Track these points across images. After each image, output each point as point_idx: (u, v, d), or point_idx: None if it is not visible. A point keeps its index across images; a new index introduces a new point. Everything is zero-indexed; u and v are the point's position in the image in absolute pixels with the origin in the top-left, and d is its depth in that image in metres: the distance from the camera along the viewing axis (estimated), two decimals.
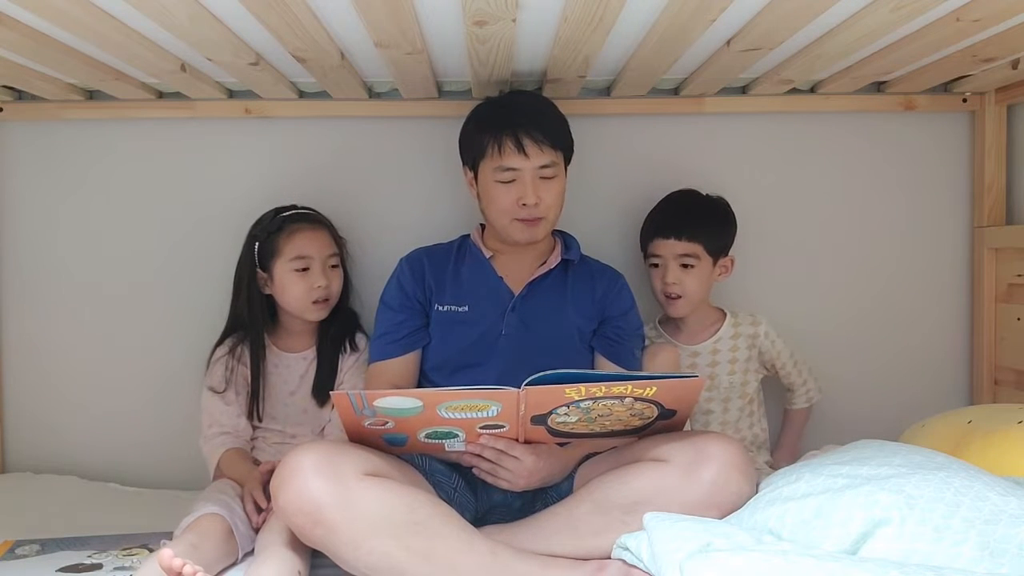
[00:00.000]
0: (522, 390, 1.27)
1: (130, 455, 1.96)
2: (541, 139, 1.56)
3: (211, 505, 1.43)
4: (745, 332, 1.81)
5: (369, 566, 1.24)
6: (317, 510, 1.23)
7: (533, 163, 1.56)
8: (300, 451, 1.27)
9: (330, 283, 1.71)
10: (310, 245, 1.69)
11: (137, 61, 1.58)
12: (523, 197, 1.56)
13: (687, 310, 1.78)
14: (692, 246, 1.74)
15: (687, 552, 1.09)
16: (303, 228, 1.70)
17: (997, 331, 1.93)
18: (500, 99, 1.69)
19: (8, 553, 1.46)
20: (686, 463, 1.32)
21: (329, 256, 1.72)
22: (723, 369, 1.80)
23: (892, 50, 1.57)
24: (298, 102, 1.92)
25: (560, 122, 1.63)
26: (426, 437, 1.36)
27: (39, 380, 1.98)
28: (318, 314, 1.72)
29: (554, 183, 1.60)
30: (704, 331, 1.82)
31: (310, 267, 1.68)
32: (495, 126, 1.58)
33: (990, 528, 1.04)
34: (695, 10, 1.30)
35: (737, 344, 1.80)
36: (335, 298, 1.74)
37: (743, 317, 1.83)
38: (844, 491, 1.15)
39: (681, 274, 1.75)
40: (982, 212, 1.95)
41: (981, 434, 1.43)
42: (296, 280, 1.68)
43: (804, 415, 1.90)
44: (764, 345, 1.82)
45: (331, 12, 1.36)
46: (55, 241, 1.97)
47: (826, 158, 1.99)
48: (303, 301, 1.69)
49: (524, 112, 1.60)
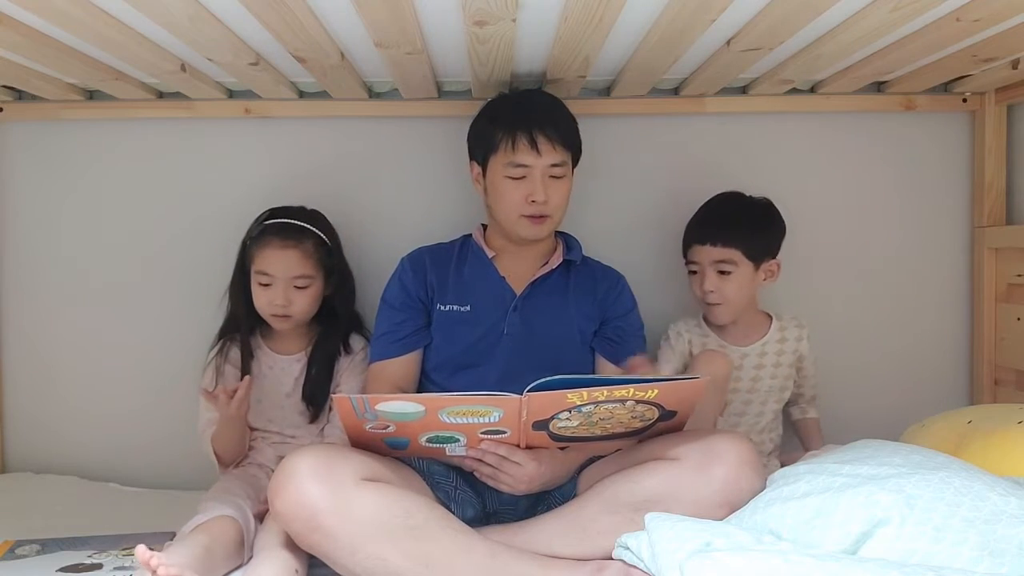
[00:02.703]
0: (524, 396, 1.26)
1: (130, 455, 1.96)
2: (555, 138, 1.57)
3: (224, 507, 1.43)
4: (791, 336, 1.79)
5: (367, 571, 1.24)
6: (313, 516, 1.23)
7: (545, 161, 1.57)
8: (296, 456, 1.27)
9: (290, 303, 1.66)
10: (273, 264, 1.65)
11: (137, 61, 1.58)
12: (533, 194, 1.57)
13: (729, 316, 1.74)
14: (728, 252, 1.69)
15: (687, 552, 1.09)
16: (272, 244, 1.66)
17: (997, 331, 1.93)
18: (515, 95, 1.69)
19: (8, 553, 1.46)
20: (697, 461, 1.32)
21: (294, 278, 1.66)
22: (767, 372, 1.77)
23: (892, 50, 1.56)
24: (298, 102, 1.92)
25: (572, 123, 1.64)
26: (427, 441, 1.36)
27: (39, 380, 1.98)
28: (278, 324, 1.70)
29: (562, 183, 1.61)
30: (752, 334, 1.78)
31: (272, 284, 1.66)
32: (509, 122, 1.58)
33: (990, 528, 1.04)
34: (695, 10, 1.30)
35: (783, 348, 1.78)
36: (300, 316, 1.69)
37: (788, 321, 1.81)
38: (844, 491, 1.15)
39: (719, 281, 1.70)
40: (982, 212, 1.95)
41: (981, 434, 1.43)
42: (259, 292, 1.68)
43: (818, 426, 1.88)
44: (804, 350, 1.80)
45: (331, 12, 1.36)
46: (55, 241, 1.96)
47: (826, 158, 1.99)
48: (264, 312, 1.69)
49: (540, 110, 1.60)
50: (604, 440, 1.43)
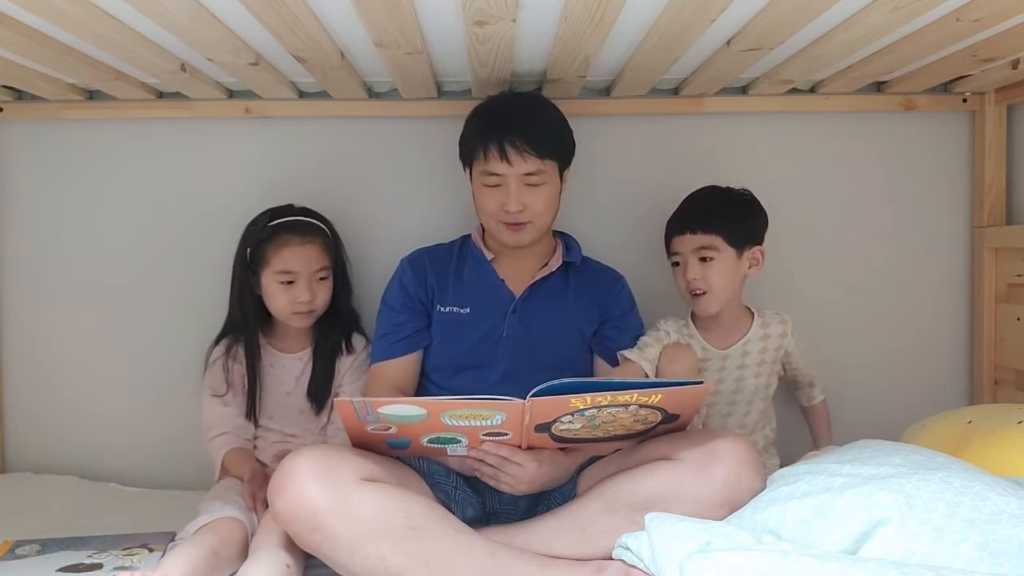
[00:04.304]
0: (528, 401, 1.27)
1: (130, 455, 1.96)
2: (525, 149, 1.53)
3: (232, 509, 1.44)
4: (774, 332, 1.76)
5: (367, 571, 1.24)
6: (313, 516, 1.23)
7: (517, 170, 1.55)
8: (297, 456, 1.27)
9: (315, 297, 1.68)
10: (296, 260, 1.66)
11: (137, 61, 1.58)
12: (506, 203, 1.56)
13: (715, 306, 1.69)
14: (709, 238, 1.66)
15: (687, 552, 1.09)
16: (291, 242, 1.67)
17: (997, 331, 1.93)
18: (496, 102, 1.66)
19: (8, 553, 1.46)
20: (697, 461, 1.33)
21: (317, 271, 1.68)
22: (750, 372, 1.75)
23: (892, 50, 1.56)
24: (298, 102, 1.92)
25: (553, 130, 1.60)
26: (429, 442, 1.36)
27: (39, 380, 1.98)
28: (301, 322, 1.71)
29: (541, 190, 1.57)
30: (735, 332, 1.75)
31: (295, 281, 1.67)
32: (483, 131, 1.57)
33: (990, 528, 1.04)
34: (695, 10, 1.30)
35: (766, 345, 1.75)
36: (321, 309, 1.71)
37: (770, 316, 1.78)
38: (844, 491, 1.15)
39: (701, 268, 1.67)
40: (982, 212, 1.95)
41: (981, 434, 1.43)
42: (280, 291, 1.68)
43: (826, 408, 1.86)
44: (789, 344, 1.78)
45: (331, 12, 1.36)
46: (55, 241, 1.96)
47: (826, 158, 1.99)
48: (285, 311, 1.69)
49: (514, 119, 1.56)
50: (605, 442, 1.43)
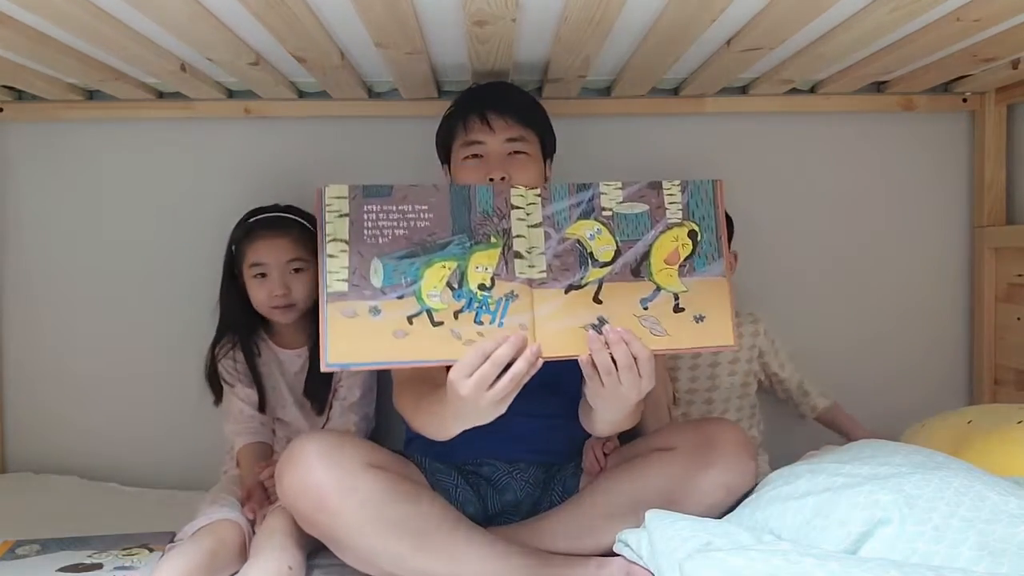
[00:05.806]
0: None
1: (130, 455, 1.96)
2: (507, 113, 1.50)
3: (230, 511, 1.44)
4: (747, 332, 1.80)
5: (371, 553, 1.26)
6: (320, 496, 1.24)
7: (499, 136, 1.50)
8: (304, 439, 1.29)
9: (290, 290, 1.67)
10: (266, 253, 1.67)
11: (137, 61, 1.58)
12: (490, 171, 1.47)
13: None
14: None
15: (687, 551, 1.09)
16: (262, 235, 1.68)
17: (997, 331, 1.93)
18: (470, 90, 1.65)
19: (8, 553, 1.46)
20: (693, 447, 1.36)
21: (288, 262, 1.67)
22: (723, 370, 1.78)
23: (892, 50, 1.56)
24: (298, 102, 1.92)
25: (530, 103, 1.58)
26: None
27: (39, 380, 1.97)
28: (282, 317, 1.70)
29: (526, 161, 1.50)
30: None
31: (268, 273, 1.67)
32: (461, 108, 1.55)
33: (990, 528, 1.04)
34: (695, 10, 1.30)
35: (739, 344, 1.79)
36: (303, 302, 1.69)
37: (744, 317, 1.81)
38: (844, 490, 1.15)
39: None
40: (982, 212, 1.95)
41: (981, 434, 1.43)
42: (256, 286, 1.68)
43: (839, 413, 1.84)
44: (764, 344, 1.81)
45: (331, 12, 1.35)
46: (55, 241, 1.96)
47: (826, 158, 1.99)
48: (264, 306, 1.69)
49: (491, 94, 1.57)
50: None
